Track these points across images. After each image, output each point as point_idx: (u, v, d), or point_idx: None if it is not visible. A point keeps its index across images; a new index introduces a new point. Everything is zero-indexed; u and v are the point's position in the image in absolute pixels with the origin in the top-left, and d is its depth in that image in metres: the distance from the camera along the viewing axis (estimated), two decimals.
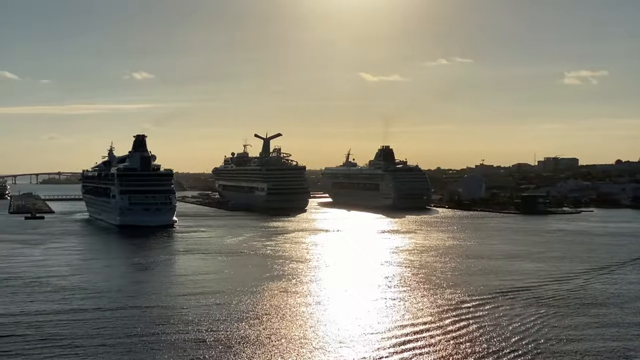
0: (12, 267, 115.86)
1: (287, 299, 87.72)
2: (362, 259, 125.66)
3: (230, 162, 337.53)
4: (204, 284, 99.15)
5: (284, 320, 75.71)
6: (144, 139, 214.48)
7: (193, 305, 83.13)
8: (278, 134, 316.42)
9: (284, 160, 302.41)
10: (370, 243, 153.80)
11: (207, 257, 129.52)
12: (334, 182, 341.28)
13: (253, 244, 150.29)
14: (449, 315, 78.57)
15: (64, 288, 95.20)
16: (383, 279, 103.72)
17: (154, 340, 67.12)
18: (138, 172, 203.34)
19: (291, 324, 74.28)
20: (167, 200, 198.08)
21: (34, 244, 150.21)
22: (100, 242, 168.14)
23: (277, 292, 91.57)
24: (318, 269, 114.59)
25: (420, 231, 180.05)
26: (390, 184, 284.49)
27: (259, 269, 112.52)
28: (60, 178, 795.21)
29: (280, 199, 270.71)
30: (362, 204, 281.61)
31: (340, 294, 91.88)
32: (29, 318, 76.75)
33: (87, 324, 73.97)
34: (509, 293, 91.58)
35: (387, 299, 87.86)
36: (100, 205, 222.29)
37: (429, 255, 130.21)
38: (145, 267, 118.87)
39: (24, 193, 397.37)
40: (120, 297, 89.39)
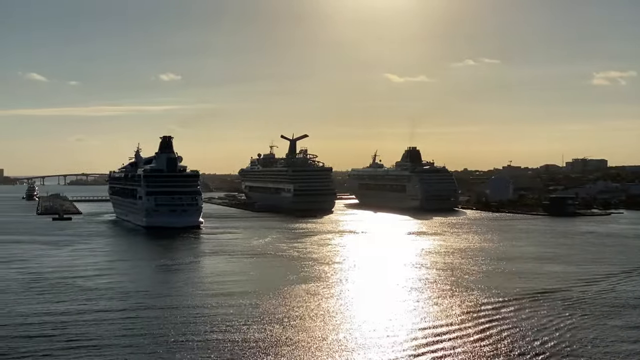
0: (39, 268, 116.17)
1: (313, 301, 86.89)
2: (389, 261, 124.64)
3: (256, 163, 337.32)
4: (230, 285, 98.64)
5: (310, 323, 74.92)
6: (170, 140, 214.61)
7: (219, 307, 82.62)
8: (304, 135, 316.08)
9: (310, 161, 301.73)
10: (398, 245, 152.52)
11: (233, 259, 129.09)
12: (361, 183, 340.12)
13: (279, 245, 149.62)
14: (477, 317, 77.46)
15: (90, 289, 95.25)
16: (410, 281, 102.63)
17: (180, 341, 66.77)
18: (164, 173, 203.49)
19: (317, 326, 73.47)
20: (194, 202, 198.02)
21: (61, 245, 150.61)
22: (127, 243, 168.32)
23: (304, 294, 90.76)
24: (345, 270, 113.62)
25: (447, 233, 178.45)
26: (417, 185, 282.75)
27: (285, 271, 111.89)
28: (88, 179, 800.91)
29: (307, 200, 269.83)
30: (389, 205, 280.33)
31: (368, 296, 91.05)
32: (55, 318, 76.78)
33: (113, 324, 73.92)
34: (538, 295, 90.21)
35: (414, 302, 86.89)
36: (126, 206, 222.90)
37: (456, 257, 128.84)
38: (172, 268, 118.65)
39: (52, 194, 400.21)
40: (147, 298, 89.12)
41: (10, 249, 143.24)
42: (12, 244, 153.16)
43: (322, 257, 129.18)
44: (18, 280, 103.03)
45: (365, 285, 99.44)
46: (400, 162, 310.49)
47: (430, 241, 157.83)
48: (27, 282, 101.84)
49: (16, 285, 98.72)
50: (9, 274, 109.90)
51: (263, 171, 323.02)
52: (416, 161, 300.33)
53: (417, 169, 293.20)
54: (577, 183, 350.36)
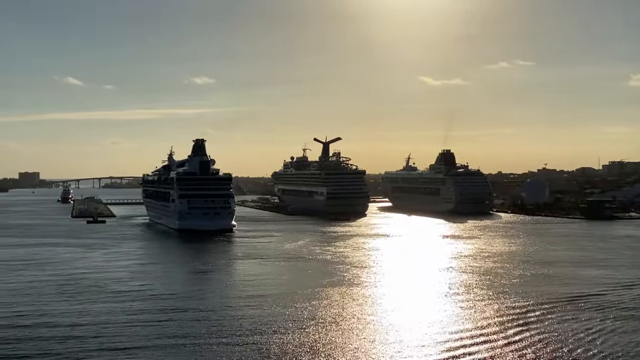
0: (72, 271, 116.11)
1: (346, 305, 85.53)
2: (423, 265, 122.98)
3: (289, 166, 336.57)
4: (263, 289, 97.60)
5: (345, 328, 73.56)
6: (203, 143, 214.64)
7: (252, 311, 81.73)
8: (337, 137, 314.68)
9: (343, 164, 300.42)
10: (432, 248, 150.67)
11: (266, 262, 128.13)
12: (394, 186, 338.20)
13: (312, 249, 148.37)
14: (513, 323, 75.63)
15: (122, 292, 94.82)
16: (445, 285, 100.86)
17: (213, 345, 66.15)
18: (197, 176, 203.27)
19: (352, 331, 72.12)
20: (226, 205, 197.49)
21: (94, 248, 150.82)
22: (160, 246, 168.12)
23: (338, 299, 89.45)
24: (378, 274, 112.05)
25: (483, 236, 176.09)
26: (452, 188, 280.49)
27: (318, 275, 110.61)
28: (122, 182, 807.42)
29: (340, 203, 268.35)
30: (423, 208, 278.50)
31: (403, 300, 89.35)
32: (88, 321, 76.59)
33: (145, 327, 73.49)
34: (576, 300, 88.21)
35: (449, 307, 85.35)
36: (159, 209, 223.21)
37: (492, 261, 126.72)
38: (204, 272, 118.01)
39: (86, 197, 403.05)
40: (179, 301, 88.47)
41: (45, 252, 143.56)
42: (46, 247, 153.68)
43: (356, 261, 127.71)
44: (51, 283, 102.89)
45: (400, 289, 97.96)
46: (434, 164, 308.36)
47: (465, 244, 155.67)
48: (60, 284, 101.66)
49: (49, 288, 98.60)
50: (43, 276, 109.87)
51: (296, 174, 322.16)
52: (450, 164, 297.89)
53: (451, 171, 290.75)
54: (614, 186, 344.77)
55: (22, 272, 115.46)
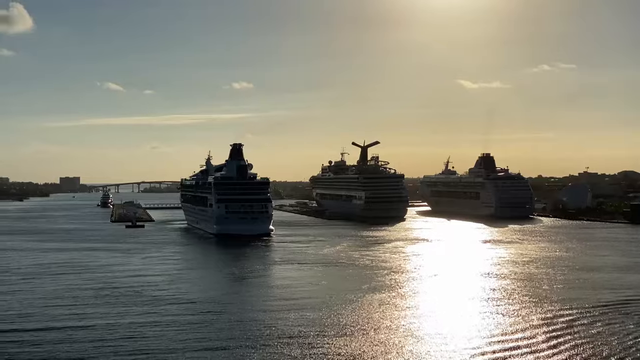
0: (110, 276, 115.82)
1: (386, 311, 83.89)
2: (463, 270, 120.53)
3: (327, 170, 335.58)
4: (300, 295, 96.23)
5: (383, 335, 71.88)
6: (240, 147, 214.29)
7: (290, 317, 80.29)
8: (376, 141, 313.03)
9: (381, 168, 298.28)
10: (472, 253, 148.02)
11: (304, 268, 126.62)
12: (433, 190, 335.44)
13: (351, 253, 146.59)
14: (557, 331, 73.45)
15: (160, 298, 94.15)
16: (486, 291, 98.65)
17: (251, 351, 65.30)
18: (235, 180, 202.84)
19: (390, 339, 70.36)
20: (264, 209, 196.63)
21: (132, 253, 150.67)
22: (197, 251, 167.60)
23: (378, 305, 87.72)
24: (418, 280, 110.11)
25: (524, 241, 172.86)
26: (492, 192, 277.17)
27: (357, 280, 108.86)
28: (161, 187, 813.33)
29: (378, 207, 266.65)
30: (462, 212, 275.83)
31: (442, 307, 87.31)
32: (126, 325, 76.31)
33: (182, 333, 72.88)
34: (622, 306, 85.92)
35: (490, 313, 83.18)
36: (197, 213, 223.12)
37: (534, 267, 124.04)
38: (241, 277, 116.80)
39: (125, 202, 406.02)
40: (215, 306, 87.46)
41: (83, 257, 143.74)
42: (85, 252, 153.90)
43: (395, 266, 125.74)
44: (89, 288, 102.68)
45: (440, 295, 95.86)
46: (473, 168, 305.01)
47: (506, 249, 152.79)
48: (97, 289, 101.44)
49: (87, 293, 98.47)
50: (80, 281, 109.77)
51: (334, 178, 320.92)
52: (490, 168, 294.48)
53: (491, 175, 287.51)
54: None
55: (60, 276, 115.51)
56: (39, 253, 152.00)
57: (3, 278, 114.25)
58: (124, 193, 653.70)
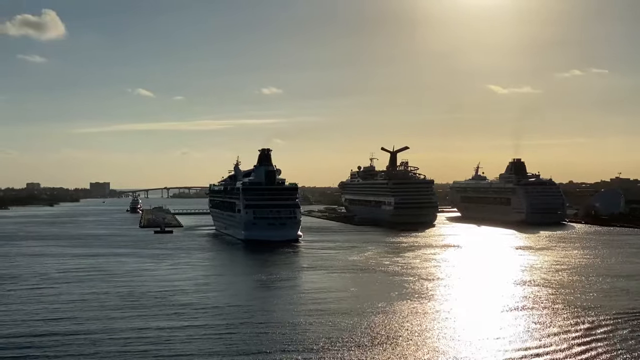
0: (137, 282, 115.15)
1: (416, 320, 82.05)
2: (495, 277, 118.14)
3: (356, 175, 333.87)
4: (328, 302, 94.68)
5: (413, 344, 70.16)
6: (268, 153, 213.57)
7: (317, 325, 78.84)
8: (405, 147, 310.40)
9: (411, 173, 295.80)
10: (503, 260, 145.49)
11: (333, 274, 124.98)
12: (463, 196, 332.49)
13: (380, 260, 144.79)
14: (591, 342, 71.04)
15: (188, 304, 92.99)
16: (518, 299, 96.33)
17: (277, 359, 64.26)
18: (263, 186, 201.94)
19: (421, 348, 68.61)
20: (292, 215, 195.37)
21: (161, 259, 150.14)
22: (225, 257, 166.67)
23: (408, 313, 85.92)
24: (449, 287, 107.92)
25: (556, 248, 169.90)
26: (523, 198, 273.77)
27: (386, 287, 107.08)
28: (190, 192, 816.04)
29: (408, 213, 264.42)
30: (492, 218, 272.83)
31: (473, 315, 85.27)
32: (153, 333, 75.40)
33: (210, 340, 71.91)
34: None
35: (522, 322, 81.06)
36: (225, 219, 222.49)
37: (567, 274, 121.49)
38: (269, 283, 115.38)
39: (154, 207, 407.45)
40: (243, 314, 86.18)
41: (111, 263, 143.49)
42: (113, 257, 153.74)
43: (425, 273, 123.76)
44: (116, 294, 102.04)
45: (471, 303, 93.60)
46: (504, 174, 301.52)
47: (538, 256, 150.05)
48: (124, 295, 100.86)
49: (114, 299, 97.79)
50: (108, 287, 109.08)
51: (363, 184, 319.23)
52: (521, 173, 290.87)
53: (522, 181, 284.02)
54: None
55: (88, 282, 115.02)
56: (67, 258, 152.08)
57: (31, 283, 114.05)
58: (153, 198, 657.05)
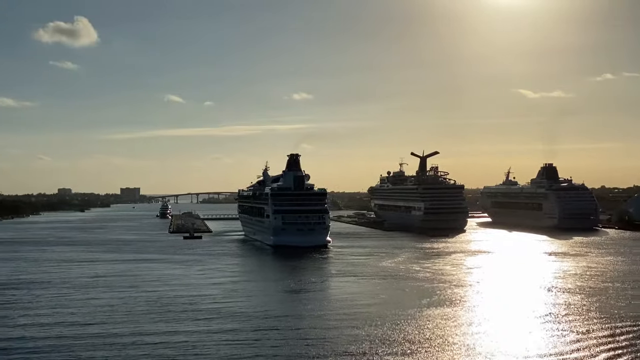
0: (165, 288, 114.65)
1: (447, 327, 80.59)
2: (527, 284, 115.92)
3: (386, 181, 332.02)
4: (358, 309, 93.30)
5: (444, 351, 68.78)
6: (297, 158, 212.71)
7: (347, 332, 77.58)
8: (435, 152, 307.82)
9: (441, 178, 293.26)
10: (535, 266, 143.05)
11: (362, 280, 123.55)
12: (493, 201, 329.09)
13: (410, 266, 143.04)
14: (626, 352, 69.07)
15: (216, 311, 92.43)
16: (551, 306, 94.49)
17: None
18: (291, 191, 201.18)
19: (452, 357, 67.01)
20: (321, 220, 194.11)
21: (189, 265, 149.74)
22: (254, 263, 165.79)
23: (439, 320, 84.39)
24: (480, 294, 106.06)
25: (589, 254, 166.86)
26: (555, 203, 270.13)
27: (417, 294, 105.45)
28: (219, 197, 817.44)
29: (438, 218, 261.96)
30: (524, 224, 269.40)
31: (505, 323, 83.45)
32: (180, 339, 75.03)
33: (238, 347, 71.21)
34: None
35: (557, 330, 79.20)
36: (254, 224, 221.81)
37: (601, 281, 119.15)
38: (298, 290, 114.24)
39: (184, 213, 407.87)
40: (272, 320, 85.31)
41: (140, 268, 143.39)
42: (142, 263, 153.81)
43: (455, 279, 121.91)
44: (145, 300, 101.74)
45: (504, 310, 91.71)
46: (535, 179, 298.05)
47: (571, 262, 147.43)
48: (153, 301, 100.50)
49: (143, 305, 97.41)
50: (136, 293, 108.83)
51: (393, 189, 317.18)
52: (553, 178, 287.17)
53: (554, 186, 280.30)
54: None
55: (116, 288, 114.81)
56: (96, 264, 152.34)
57: (60, 289, 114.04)
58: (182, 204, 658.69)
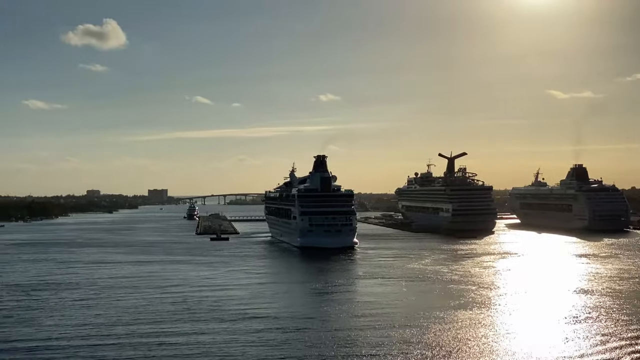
0: (192, 290, 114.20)
1: (475, 330, 79.17)
2: (557, 287, 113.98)
3: (413, 182, 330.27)
4: (385, 311, 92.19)
5: (473, 355, 67.54)
6: (324, 159, 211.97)
7: (374, 335, 76.56)
8: (463, 153, 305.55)
9: (469, 180, 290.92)
10: (565, 268, 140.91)
11: (389, 282, 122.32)
12: (522, 202, 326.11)
13: (438, 268, 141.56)
14: None
15: (242, 312, 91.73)
16: (582, 309, 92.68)
17: None
18: (318, 192, 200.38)
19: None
20: (348, 222, 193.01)
21: (215, 266, 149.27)
22: (281, 264, 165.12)
23: (467, 323, 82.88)
24: (509, 297, 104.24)
25: (621, 256, 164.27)
26: (585, 204, 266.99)
27: (445, 296, 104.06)
28: (246, 199, 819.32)
29: (466, 220, 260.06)
30: (553, 225, 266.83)
31: (536, 326, 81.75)
32: (206, 341, 74.69)
33: (265, 349, 70.52)
34: None
35: (586, 333, 77.61)
36: (281, 226, 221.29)
37: (634, 283, 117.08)
38: (325, 292, 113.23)
39: (211, 214, 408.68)
40: (299, 322, 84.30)
41: (167, 270, 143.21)
42: (168, 265, 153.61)
43: (484, 282, 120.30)
44: (171, 302, 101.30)
45: (533, 314, 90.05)
46: (565, 180, 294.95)
47: (603, 265, 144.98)
48: (179, 302, 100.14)
49: (169, 307, 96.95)
50: (162, 295, 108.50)
51: (420, 190, 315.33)
52: (583, 179, 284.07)
53: (584, 187, 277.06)
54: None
55: (143, 290, 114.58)
56: (123, 265, 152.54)
57: (87, 290, 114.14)
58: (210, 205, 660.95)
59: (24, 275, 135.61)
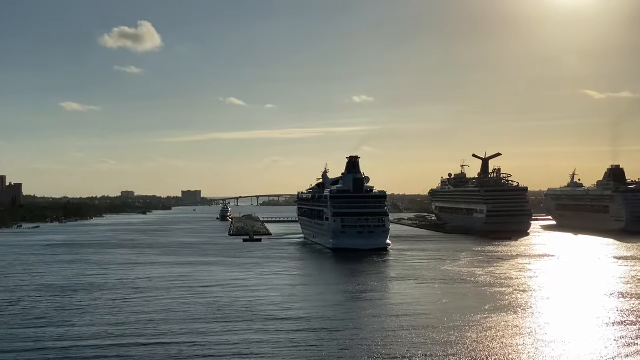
0: (224, 291, 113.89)
1: (511, 335, 77.52)
2: (594, 289, 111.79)
3: (447, 183, 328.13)
4: (420, 314, 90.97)
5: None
6: (357, 160, 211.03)
7: (408, 338, 75.40)
8: (497, 153, 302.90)
9: (504, 181, 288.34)
10: (603, 271, 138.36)
11: (423, 285, 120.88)
12: (558, 203, 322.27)
13: (472, 270, 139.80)
14: None
15: (274, 314, 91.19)
16: (620, 312, 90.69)
17: None
18: (351, 194, 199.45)
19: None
20: (381, 223, 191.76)
21: (247, 268, 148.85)
22: (313, 266, 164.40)
23: (502, 327, 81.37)
24: (545, 300, 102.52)
25: None
26: (622, 205, 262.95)
27: (479, 299, 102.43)
28: (279, 200, 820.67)
29: (501, 221, 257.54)
30: (589, 227, 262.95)
31: (573, 331, 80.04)
32: (238, 341, 74.60)
33: (298, 351, 70.09)
34: None
35: (624, 337, 75.75)
36: (314, 227, 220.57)
37: None
38: (358, 293, 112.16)
39: (244, 215, 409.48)
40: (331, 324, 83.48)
41: (199, 272, 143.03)
42: (201, 266, 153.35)
43: (519, 284, 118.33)
44: (203, 303, 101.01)
45: (570, 318, 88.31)
46: (601, 181, 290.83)
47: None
48: (211, 304, 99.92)
49: (200, 308, 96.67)
50: (194, 296, 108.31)
51: (454, 191, 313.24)
52: (620, 180, 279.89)
53: (621, 188, 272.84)
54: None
55: (175, 291, 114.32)
56: (156, 267, 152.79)
57: (120, 291, 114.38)
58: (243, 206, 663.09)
59: (58, 276, 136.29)
